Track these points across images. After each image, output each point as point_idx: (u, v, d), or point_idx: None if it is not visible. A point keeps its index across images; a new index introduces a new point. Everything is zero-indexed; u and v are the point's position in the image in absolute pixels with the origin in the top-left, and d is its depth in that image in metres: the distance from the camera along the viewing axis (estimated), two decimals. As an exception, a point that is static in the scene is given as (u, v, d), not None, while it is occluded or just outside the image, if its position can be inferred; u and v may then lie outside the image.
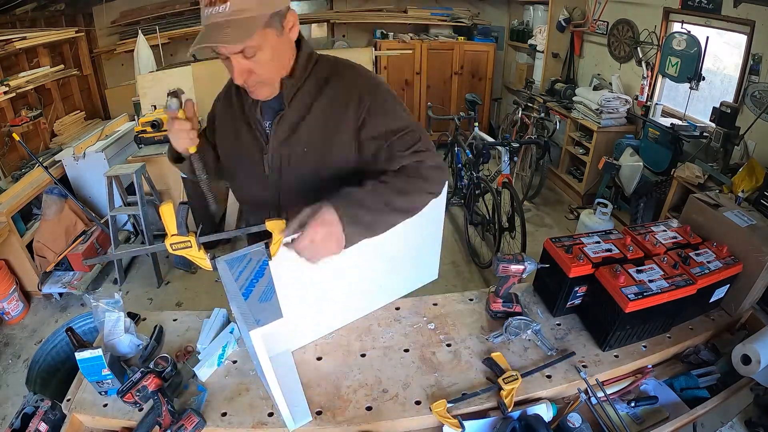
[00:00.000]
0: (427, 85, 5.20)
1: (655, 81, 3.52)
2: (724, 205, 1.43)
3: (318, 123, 1.04)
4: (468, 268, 3.29)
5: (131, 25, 4.55)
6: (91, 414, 1.09)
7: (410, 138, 1.02)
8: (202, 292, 3.05)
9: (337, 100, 1.03)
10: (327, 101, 1.03)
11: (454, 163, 3.92)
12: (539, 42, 4.72)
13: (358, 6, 5.21)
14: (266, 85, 0.99)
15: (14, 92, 3.17)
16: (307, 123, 1.04)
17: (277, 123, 1.04)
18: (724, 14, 2.81)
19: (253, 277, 0.95)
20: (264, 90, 1.00)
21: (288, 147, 1.06)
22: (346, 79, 1.04)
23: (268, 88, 1.00)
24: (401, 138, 1.02)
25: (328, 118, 1.03)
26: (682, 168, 2.85)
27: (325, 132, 1.04)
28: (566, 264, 1.27)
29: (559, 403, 1.16)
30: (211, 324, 1.29)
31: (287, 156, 1.06)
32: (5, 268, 2.75)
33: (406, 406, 1.10)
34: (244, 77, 0.93)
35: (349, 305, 1.33)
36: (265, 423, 1.06)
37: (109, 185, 2.97)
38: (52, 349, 1.59)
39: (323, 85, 1.03)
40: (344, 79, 1.04)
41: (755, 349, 1.13)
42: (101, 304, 1.23)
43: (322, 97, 1.03)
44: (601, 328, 1.25)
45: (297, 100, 1.03)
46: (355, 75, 1.06)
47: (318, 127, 1.04)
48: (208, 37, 0.85)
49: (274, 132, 1.05)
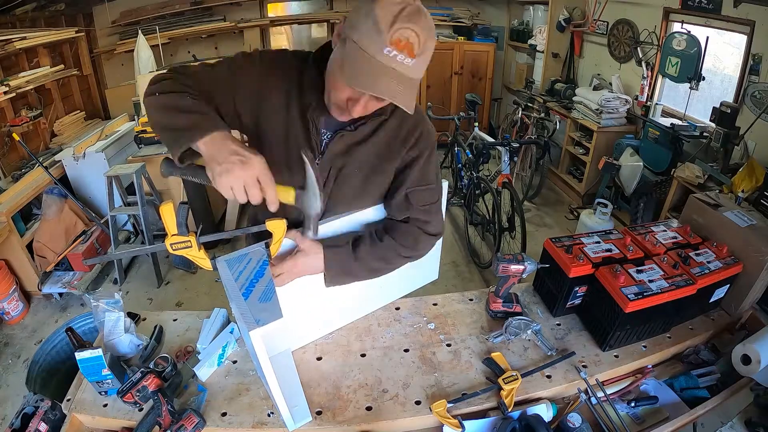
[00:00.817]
0: (427, 85, 5.20)
1: (655, 81, 3.52)
2: (724, 205, 1.43)
3: (376, 149, 1.04)
4: (468, 268, 3.29)
5: (131, 25, 4.55)
6: (91, 414, 1.09)
7: (429, 196, 1.10)
8: (202, 292, 3.05)
9: (398, 134, 1.04)
10: (390, 131, 1.04)
11: (454, 163, 3.92)
12: (539, 42, 4.72)
13: (358, 6, 5.21)
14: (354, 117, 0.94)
15: (14, 92, 3.17)
16: (367, 146, 1.03)
17: (339, 138, 1.00)
18: (724, 14, 2.81)
19: (253, 277, 0.95)
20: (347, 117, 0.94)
21: (342, 162, 1.03)
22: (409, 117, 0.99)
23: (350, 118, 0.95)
24: (422, 192, 1.09)
25: (385, 147, 1.04)
26: (682, 168, 2.85)
27: (379, 159, 1.05)
28: (566, 264, 1.27)
29: (559, 403, 1.16)
30: (211, 324, 1.29)
31: (338, 169, 1.04)
32: (5, 268, 2.75)
33: (406, 406, 1.10)
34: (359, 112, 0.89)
35: (349, 306, 1.33)
36: (265, 423, 1.06)
37: (109, 185, 2.97)
38: (52, 349, 1.59)
39: (389, 114, 1.02)
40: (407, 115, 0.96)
41: (755, 349, 1.13)
42: (101, 304, 1.23)
43: (386, 124, 1.02)
44: (601, 328, 1.25)
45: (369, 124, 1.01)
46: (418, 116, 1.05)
47: (374, 153, 1.04)
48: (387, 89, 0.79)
49: (332, 144, 1.01)
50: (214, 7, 4.79)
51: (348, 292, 1.27)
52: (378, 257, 1.09)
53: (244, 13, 4.98)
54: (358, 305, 1.35)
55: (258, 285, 0.93)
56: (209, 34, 4.89)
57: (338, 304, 1.29)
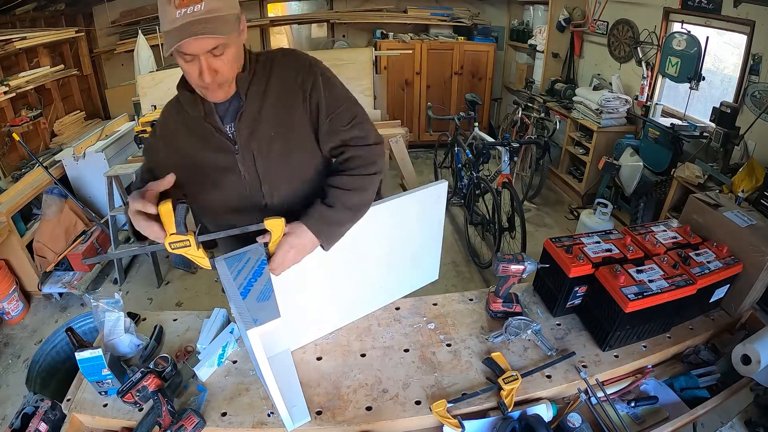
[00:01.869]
0: (427, 85, 5.20)
1: (655, 81, 3.52)
2: (724, 205, 1.43)
3: (276, 105, 1.09)
4: (468, 268, 3.29)
5: (131, 25, 4.55)
6: (91, 414, 1.09)
7: (349, 114, 1.11)
8: (202, 292, 3.04)
9: (286, 81, 1.09)
10: (277, 83, 1.09)
11: (454, 163, 3.92)
12: (539, 42, 4.72)
13: (358, 6, 5.21)
14: (224, 86, 1.01)
15: (14, 92, 3.17)
16: (266, 109, 1.08)
17: (239, 120, 1.07)
18: (724, 14, 2.81)
19: (252, 276, 0.95)
20: (221, 91, 1.02)
21: (256, 139, 1.09)
22: (288, 60, 1.11)
23: (225, 89, 1.02)
24: (339, 114, 1.10)
25: (282, 98, 1.09)
26: (682, 168, 2.85)
27: (284, 112, 1.10)
28: (566, 264, 1.27)
29: (559, 403, 1.16)
30: (211, 324, 1.29)
31: (257, 147, 1.10)
32: (5, 268, 2.75)
33: (406, 406, 1.10)
34: (212, 77, 0.96)
35: (350, 306, 1.33)
36: (264, 423, 1.06)
37: (109, 185, 2.97)
38: (52, 349, 1.59)
39: (269, 70, 1.09)
40: (286, 60, 1.11)
41: (755, 349, 1.13)
42: (101, 304, 1.23)
43: (271, 80, 1.08)
44: (601, 328, 1.25)
45: (251, 92, 1.07)
46: (294, 56, 1.12)
47: (277, 110, 1.09)
48: (189, 32, 0.87)
49: (239, 130, 1.08)
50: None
51: (348, 292, 1.27)
52: (350, 192, 1.07)
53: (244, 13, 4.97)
54: (358, 305, 1.35)
55: (256, 284, 0.93)
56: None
57: (338, 304, 1.29)
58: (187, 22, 0.88)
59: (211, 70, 0.95)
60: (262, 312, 0.87)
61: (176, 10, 0.88)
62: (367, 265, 1.26)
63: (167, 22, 0.89)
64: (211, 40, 0.91)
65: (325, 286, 1.20)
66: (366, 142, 1.12)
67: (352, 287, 1.27)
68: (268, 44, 5.22)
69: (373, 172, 1.11)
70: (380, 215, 1.17)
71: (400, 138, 3.67)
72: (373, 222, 1.16)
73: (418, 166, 4.74)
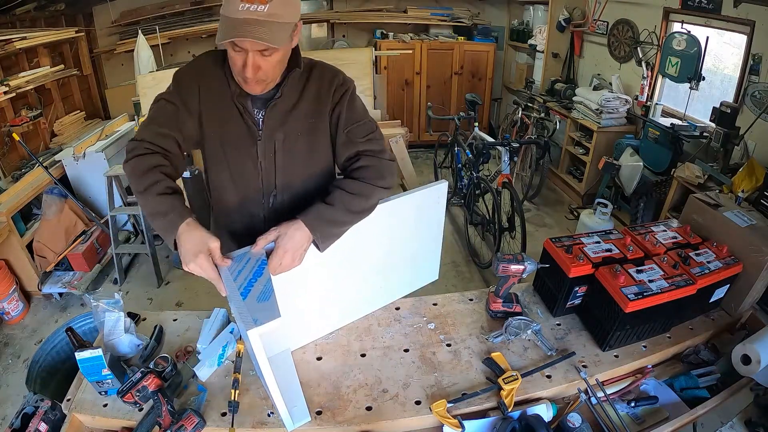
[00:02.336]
0: (427, 85, 5.20)
1: (655, 81, 3.52)
2: (724, 205, 1.43)
3: (310, 106, 1.13)
4: (468, 268, 3.29)
5: (131, 25, 4.55)
6: (91, 414, 1.09)
7: (367, 128, 1.15)
8: (202, 292, 3.04)
9: (322, 87, 1.13)
10: (315, 87, 1.13)
11: (454, 163, 3.92)
12: (539, 42, 4.72)
13: (358, 6, 5.21)
14: (264, 83, 1.04)
15: (14, 92, 3.17)
16: (299, 108, 1.12)
17: (270, 110, 1.10)
18: (724, 14, 2.81)
19: (252, 276, 0.95)
20: (260, 86, 1.05)
21: (282, 132, 1.12)
22: (327, 69, 1.16)
23: (262, 86, 1.05)
24: (359, 127, 1.14)
25: (316, 101, 1.13)
26: (682, 168, 2.85)
27: (316, 114, 1.14)
28: (566, 264, 1.27)
29: (559, 403, 1.16)
30: (211, 324, 1.29)
31: (282, 140, 1.13)
32: (5, 268, 2.75)
33: (406, 406, 1.10)
34: (254, 72, 0.99)
35: (350, 306, 1.33)
36: (265, 423, 1.06)
37: (109, 185, 2.97)
38: (52, 349, 1.59)
39: (309, 73, 1.13)
40: (326, 69, 1.16)
41: (755, 349, 1.13)
42: (101, 304, 1.23)
43: (310, 82, 1.13)
44: (601, 328, 1.25)
45: (289, 86, 1.10)
46: (334, 68, 1.18)
47: (310, 110, 1.13)
48: (247, 32, 0.90)
49: (268, 118, 1.11)
50: (214, 7, 4.78)
51: (348, 292, 1.27)
52: (354, 196, 1.06)
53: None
54: (358, 305, 1.35)
55: (256, 285, 0.93)
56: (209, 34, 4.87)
57: (338, 305, 1.29)
58: (249, 19, 0.90)
59: (255, 66, 0.98)
60: (262, 312, 0.87)
61: (240, 3, 0.89)
62: (367, 266, 1.26)
63: (230, 10, 0.91)
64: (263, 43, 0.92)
65: (325, 286, 1.20)
66: (381, 156, 1.14)
67: (352, 287, 1.27)
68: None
69: (382, 185, 1.11)
70: (380, 215, 1.17)
71: (400, 138, 3.67)
72: (374, 222, 1.16)
73: (418, 166, 4.74)
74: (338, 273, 1.20)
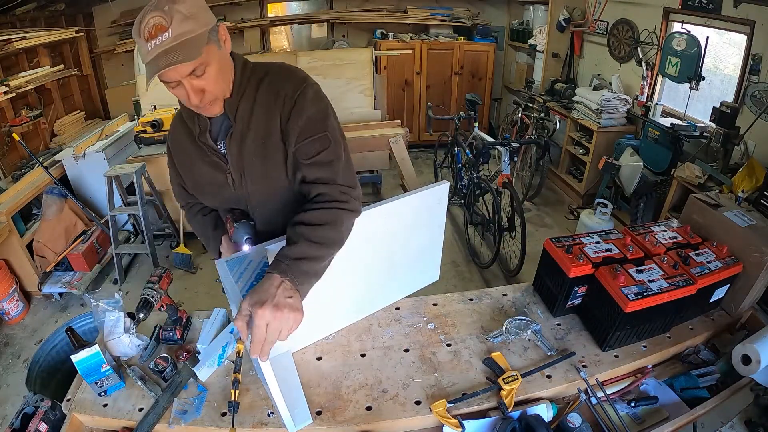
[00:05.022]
0: (427, 85, 5.20)
1: (655, 81, 3.52)
2: (724, 205, 1.43)
3: (259, 126, 1.05)
4: (468, 268, 3.29)
5: (131, 25, 4.53)
6: (91, 414, 1.09)
7: (318, 145, 1.01)
8: (202, 292, 3.05)
9: (269, 99, 1.04)
10: (263, 100, 1.04)
11: (454, 163, 3.92)
12: (539, 42, 4.72)
13: (358, 6, 5.21)
14: (218, 101, 1.01)
15: (14, 92, 3.17)
16: (252, 130, 1.05)
17: (230, 140, 1.06)
18: (724, 14, 2.81)
19: (254, 278, 0.95)
20: (216, 106, 1.01)
21: (242, 159, 1.07)
22: (278, 78, 1.05)
23: (218, 105, 1.02)
24: (309, 144, 1.01)
25: (264, 117, 1.05)
26: (682, 168, 2.85)
27: (263, 131, 1.05)
28: (566, 264, 1.27)
29: (559, 403, 1.15)
30: (211, 324, 1.29)
31: (245, 166, 1.08)
32: (5, 268, 2.75)
33: (406, 406, 1.10)
34: (199, 97, 0.95)
35: (351, 307, 1.33)
36: (265, 423, 1.06)
37: (109, 185, 2.97)
38: (52, 349, 1.59)
39: (258, 87, 1.05)
40: (277, 78, 1.05)
41: (755, 349, 1.13)
42: (101, 304, 1.23)
43: (258, 98, 1.05)
44: (601, 328, 1.25)
45: (240, 111, 1.04)
46: (286, 72, 1.07)
47: (259, 132, 1.05)
48: (163, 63, 0.86)
49: (229, 148, 1.07)
50: (214, 6, 4.78)
51: (350, 294, 1.27)
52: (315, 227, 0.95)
53: (244, 13, 4.98)
54: (359, 307, 1.35)
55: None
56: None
57: (340, 307, 1.28)
58: (158, 54, 0.86)
59: (196, 91, 0.94)
60: None
61: (147, 44, 0.87)
62: (368, 267, 1.26)
63: (143, 55, 0.89)
64: (187, 66, 0.89)
65: (327, 288, 1.19)
66: (333, 181, 1.01)
67: (353, 289, 1.27)
68: (268, 44, 5.22)
69: (346, 208, 1.00)
70: (381, 217, 1.17)
71: (400, 138, 3.67)
72: (374, 224, 1.16)
73: (418, 166, 4.74)
74: (340, 275, 1.19)
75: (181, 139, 1.16)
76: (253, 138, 1.05)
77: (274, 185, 1.10)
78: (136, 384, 1.14)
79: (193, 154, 1.14)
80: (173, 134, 1.20)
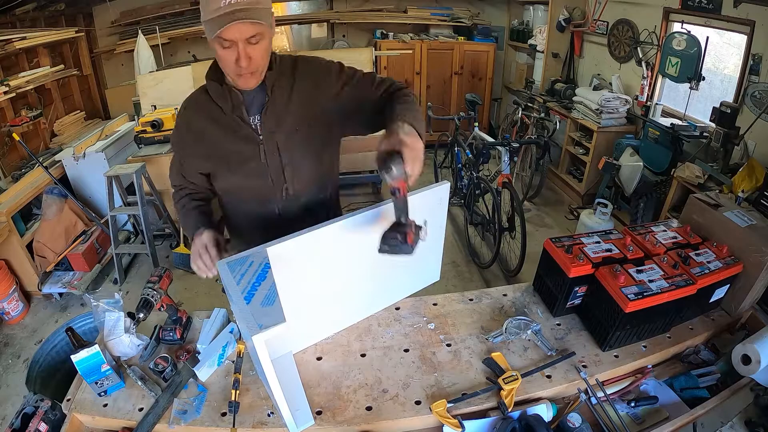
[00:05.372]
0: (427, 85, 5.20)
1: (655, 81, 3.52)
2: (724, 205, 1.43)
3: (303, 101, 1.19)
4: (468, 268, 3.29)
5: (131, 25, 4.55)
6: (91, 414, 1.09)
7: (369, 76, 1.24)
8: (202, 292, 3.04)
9: (312, 78, 1.20)
10: (309, 80, 1.19)
11: (454, 163, 3.92)
12: (539, 42, 4.72)
13: (358, 6, 5.21)
14: (256, 74, 1.10)
15: (14, 92, 3.18)
16: (293, 104, 1.18)
17: (265, 113, 1.17)
18: (724, 14, 2.81)
19: (255, 280, 0.95)
20: (253, 79, 1.10)
21: (282, 131, 1.19)
22: (312, 62, 1.24)
23: (256, 77, 1.11)
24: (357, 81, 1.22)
25: (309, 94, 1.19)
26: (682, 168, 2.85)
27: (309, 107, 1.20)
28: (566, 264, 1.27)
29: (559, 403, 1.15)
30: (211, 324, 1.29)
31: (283, 139, 1.19)
32: (5, 268, 2.75)
33: (406, 406, 1.10)
34: (246, 62, 1.03)
35: (352, 308, 1.32)
36: (265, 423, 1.06)
37: (109, 185, 2.97)
38: (52, 349, 1.59)
39: (293, 71, 1.19)
40: (311, 62, 1.23)
41: (755, 349, 1.13)
42: (101, 304, 1.23)
43: (297, 78, 1.19)
44: (601, 328, 1.25)
45: (278, 87, 1.17)
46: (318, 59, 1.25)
47: (303, 105, 1.19)
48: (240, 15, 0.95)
49: (264, 122, 1.17)
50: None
51: (350, 294, 1.27)
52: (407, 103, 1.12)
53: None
54: (360, 307, 1.35)
55: (260, 288, 0.92)
56: (209, 34, 4.88)
57: (340, 307, 1.28)
58: (231, 10, 0.95)
59: (246, 56, 1.03)
60: (266, 317, 0.86)
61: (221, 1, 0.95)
62: (369, 268, 1.26)
63: (211, 10, 0.96)
64: (252, 27, 0.98)
65: (328, 289, 1.19)
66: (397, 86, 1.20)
67: (354, 290, 1.27)
68: (268, 44, 5.21)
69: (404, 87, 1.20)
70: (382, 217, 1.17)
71: (400, 138, 3.66)
72: (375, 224, 1.15)
73: (418, 166, 4.73)
74: (340, 276, 1.19)
75: (202, 117, 1.20)
76: (295, 112, 1.18)
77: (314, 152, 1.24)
78: (136, 384, 1.14)
79: (219, 130, 1.19)
80: (190, 114, 1.23)
